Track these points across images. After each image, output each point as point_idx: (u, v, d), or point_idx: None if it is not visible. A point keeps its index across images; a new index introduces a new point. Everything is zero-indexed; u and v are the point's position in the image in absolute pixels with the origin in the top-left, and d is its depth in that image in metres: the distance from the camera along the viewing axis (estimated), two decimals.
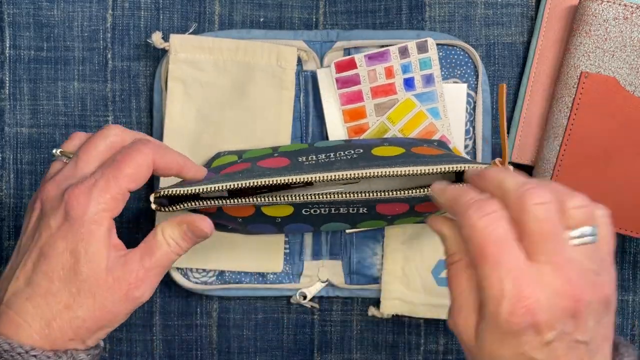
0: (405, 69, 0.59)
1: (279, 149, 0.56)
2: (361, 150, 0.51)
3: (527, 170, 0.62)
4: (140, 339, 0.62)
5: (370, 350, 0.63)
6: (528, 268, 0.37)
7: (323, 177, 0.47)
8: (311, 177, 0.47)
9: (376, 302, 0.61)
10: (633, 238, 0.62)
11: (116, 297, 0.44)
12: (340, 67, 0.59)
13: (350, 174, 0.46)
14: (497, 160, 0.45)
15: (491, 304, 0.37)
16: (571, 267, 0.38)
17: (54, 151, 0.49)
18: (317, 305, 0.62)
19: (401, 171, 0.46)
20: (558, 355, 0.38)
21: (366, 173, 0.46)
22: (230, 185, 0.47)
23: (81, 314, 0.43)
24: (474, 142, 0.60)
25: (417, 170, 0.46)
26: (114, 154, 0.45)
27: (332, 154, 0.51)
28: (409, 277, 0.60)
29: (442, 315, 0.60)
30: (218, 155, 0.57)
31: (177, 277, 0.60)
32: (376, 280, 0.61)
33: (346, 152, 0.51)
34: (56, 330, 0.43)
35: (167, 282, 0.62)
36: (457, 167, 0.46)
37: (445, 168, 0.46)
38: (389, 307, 0.60)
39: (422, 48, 0.59)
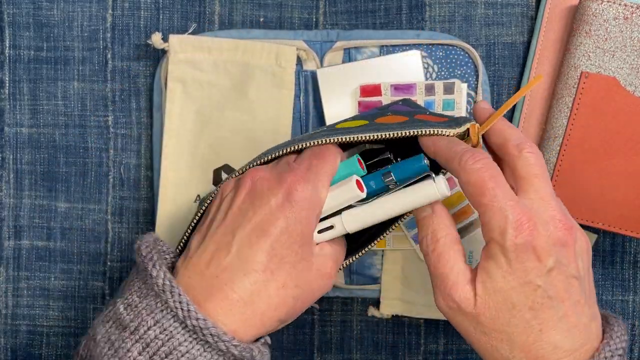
0: (428, 105, 0.59)
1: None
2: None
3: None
4: None
5: (370, 351, 0.63)
6: (521, 200, 0.42)
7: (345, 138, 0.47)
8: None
9: (376, 302, 0.61)
10: (633, 238, 0.62)
11: (320, 283, 0.45)
12: (365, 91, 0.59)
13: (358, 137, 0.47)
14: (475, 124, 0.47)
15: (497, 234, 0.40)
16: (557, 203, 0.43)
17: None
18: (317, 306, 0.62)
19: (390, 135, 0.46)
20: (557, 287, 0.41)
21: (358, 137, 0.47)
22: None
23: (294, 294, 0.44)
24: None
25: (403, 133, 0.46)
26: (308, 154, 0.47)
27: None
28: (408, 277, 0.60)
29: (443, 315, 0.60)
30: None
31: None
32: (376, 280, 0.61)
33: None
34: (258, 314, 0.43)
35: None
36: (432, 131, 0.46)
37: (445, 132, 0.46)
38: (389, 307, 0.60)
39: (448, 89, 0.59)
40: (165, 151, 0.59)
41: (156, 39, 0.59)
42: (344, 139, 0.46)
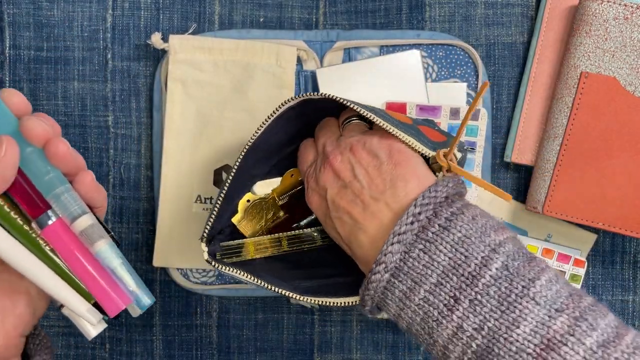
0: (452, 130, 0.59)
1: None
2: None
3: (527, 170, 0.62)
4: (140, 339, 0.62)
5: (370, 351, 0.63)
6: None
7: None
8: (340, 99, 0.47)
9: None
10: (633, 238, 0.62)
11: None
12: (391, 108, 0.59)
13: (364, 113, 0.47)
14: (441, 151, 0.47)
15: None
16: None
17: None
18: (317, 306, 0.62)
19: (394, 131, 0.47)
20: (340, 203, 0.46)
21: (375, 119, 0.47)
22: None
23: None
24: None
25: (402, 137, 0.47)
26: None
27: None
28: None
29: None
30: None
31: (177, 277, 0.60)
32: None
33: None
34: None
35: (167, 282, 0.62)
36: (425, 152, 0.47)
37: (419, 148, 0.47)
38: None
39: (473, 116, 0.59)
40: (166, 151, 0.59)
41: (156, 39, 0.59)
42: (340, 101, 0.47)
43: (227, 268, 0.48)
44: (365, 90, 0.60)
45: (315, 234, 0.55)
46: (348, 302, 0.50)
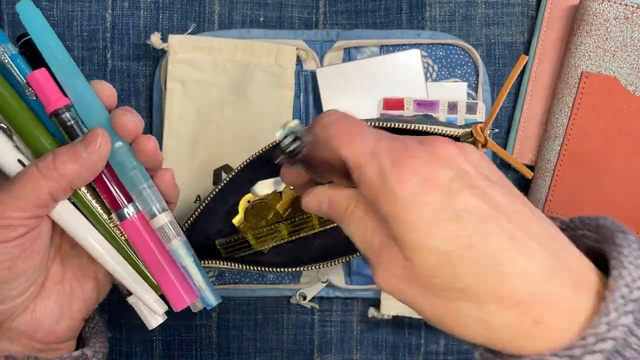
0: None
1: None
2: None
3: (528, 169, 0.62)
4: (140, 340, 0.62)
5: (370, 351, 0.62)
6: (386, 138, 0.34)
7: None
8: None
9: (376, 303, 0.61)
10: None
11: None
12: (388, 104, 0.59)
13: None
14: (478, 126, 0.46)
15: (378, 183, 0.32)
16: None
17: None
18: (317, 306, 0.62)
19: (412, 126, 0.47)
20: (473, 203, 0.31)
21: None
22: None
23: None
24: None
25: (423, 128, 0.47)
26: None
27: None
28: None
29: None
30: None
31: None
32: None
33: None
34: None
35: None
36: (456, 132, 0.47)
37: (446, 130, 0.47)
38: (389, 307, 0.60)
39: (471, 109, 0.59)
40: (165, 152, 0.59)
41: (155, 39, 0.59)
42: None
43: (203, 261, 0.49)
44: (365, 90, 0.60)
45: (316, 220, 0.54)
46: (343, 260, 0.52)
